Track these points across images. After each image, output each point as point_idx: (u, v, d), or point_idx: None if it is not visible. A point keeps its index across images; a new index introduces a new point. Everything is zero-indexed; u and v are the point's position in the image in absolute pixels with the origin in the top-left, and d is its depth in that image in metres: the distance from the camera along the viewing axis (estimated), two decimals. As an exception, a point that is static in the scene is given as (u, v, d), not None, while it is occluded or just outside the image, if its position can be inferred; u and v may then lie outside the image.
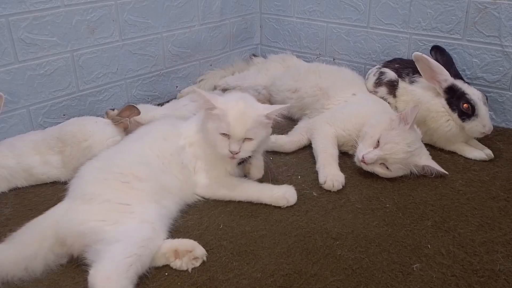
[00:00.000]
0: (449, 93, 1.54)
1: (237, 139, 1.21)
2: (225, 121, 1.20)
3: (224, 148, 1.22)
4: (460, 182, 1.40)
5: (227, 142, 1.21)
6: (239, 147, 1.21)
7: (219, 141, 1.22)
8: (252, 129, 1.22)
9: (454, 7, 1.73)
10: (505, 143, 1.62)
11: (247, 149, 1.23)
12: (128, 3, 1.75)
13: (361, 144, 1.41)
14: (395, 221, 1.21)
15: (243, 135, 1.21)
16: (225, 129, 1.20)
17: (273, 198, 1.27)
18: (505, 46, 1.66)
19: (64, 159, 1.39)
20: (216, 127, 1.22)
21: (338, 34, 2.05)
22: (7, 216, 1.26)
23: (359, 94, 1.67)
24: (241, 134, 1.20)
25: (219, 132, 1.21)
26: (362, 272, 1.03)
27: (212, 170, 1.30)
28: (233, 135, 1.20)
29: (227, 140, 1.21)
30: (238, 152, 1.21)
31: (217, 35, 2.13)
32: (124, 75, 1.83)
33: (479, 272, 1.04)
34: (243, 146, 1.22)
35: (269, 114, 1.25)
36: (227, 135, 1.21)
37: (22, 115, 1.58)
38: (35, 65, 1.57)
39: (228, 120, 1.20)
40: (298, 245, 1.12)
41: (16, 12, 1.48)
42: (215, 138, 1.23)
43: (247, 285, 1.00)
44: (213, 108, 1.22)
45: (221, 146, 1.22)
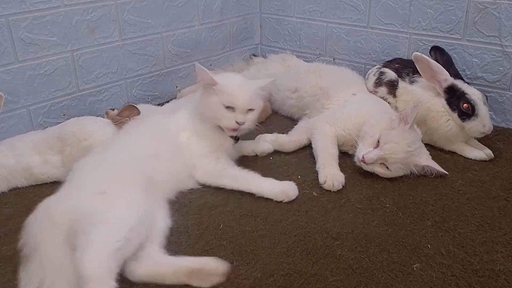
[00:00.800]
0: (449, 93, 1.54)
1: (242, 109, 1.28)
2: (229, 94, 1.27)
3: (230, 119, 1.28)
4: (460, 182, 1.40)
5: (232, 114, 1.28)
6: (244, 117, 1.29)
7: (224, 113, 1.28)
8: (254, 99, 1.30)
9: (454, 7, 1.73)
10: (505, 143, 1.62)
11: (251, 119, 1.31)
12: (128, 3, 1.76)
13: (361, 144, 1.41)
14: (395, 221, 1.21)
15: (247, 105, 1.29)
16: (230, 101, 1.26)
17: (273, 193, 1.28)
18: (505, 46, 1.66)
19: (64, 159, 1.39)
20: (220, 100, 1.27)
21: (338, 34, 2.05)
22: (7, 216, 1.26)
23: (359, 94, 1.67)
24: (245, 103, 1.28)
25: (224, 105, 1.27)
26: (362, 272, 1.03)
27: (211, 152, 1.33)
28: (238, 105, 1.27)
29: (231, 112, 1.28)
30: (243, 123, 1.28)
31: (217, 35, 2.13)
32: (124, 75, 1.83)
33: (479, 272, 1.04)
34: (247, 116, 1.30)
35: (263, 86, 1.35)
36: (230, 108, 1.27)
37: (22, 115, 1.58)
38: (35, 65, 1.57)
39: (232, 92, 1.27)
40: (298, 245, 1.12)
41: (16, 12, 1.48)
42: (219, 111, 1.28)
43: (247, 285, 1.00)
44: (215, 84, 1.27)
45: (227, 119, 1.28)
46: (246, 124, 1.30)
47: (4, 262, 1.08)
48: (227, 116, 1.28)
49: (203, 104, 1.32)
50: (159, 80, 1.96)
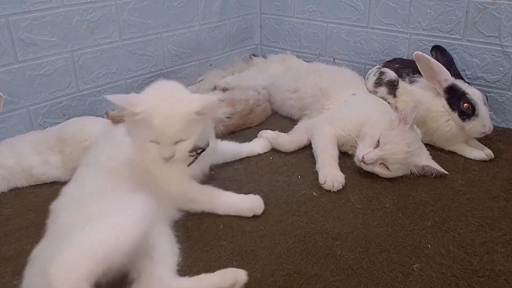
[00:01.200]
0: (449, 93, 1.54)
1: (168, 143, 1.07)
2: (151, 127, 1.04)
3: (156, 155, 1.09)
4: (460, 182, 1.40)
5: (157, 147, 1.08)
6: (172, 151, 1.08)
7: (149, 147, 1.08)
8: (184, 130, 1.07)
9: (454, 7, 1.73)
10: (505, 143, 1.62)
11: (183, 151, 1.10)
12: (128, 3, 1.76)
13: (361, 144, 1.41)
14: (395, 221, 1.21)
15: (174, 139, 1.07)
16: (153, 136, 1.06)
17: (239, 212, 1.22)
18: (505, 46, 1.66)
19: (64, 159, 1.39)
20: (144, 134, 1.07)
21: (338, 34, 2.05)
22: (7, 216, 1.26)
23: (359, 94, 1.67)
24: (171, 138, 1.07)
25: (148, 140, 1.07)
26: (362, 272, 1.03)
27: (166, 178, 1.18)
28: (162, 140, 1.07)
29: (157, 145, 1.08)
30: (171, 157, 1.09)
31: (217, 35, 2.13)
32: (124, 75, 1.83)
33: (479, 272, 1.03)
34: (177, 148, 1.09)
35: (200, 111, 1.08)
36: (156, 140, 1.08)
37: (22, 115, 1.58)
38: (35, 65, 1.57)
39: (153, 125, 1.04)
40: (298, 245, 1.12)
41: (16, 12, 1.48)
42: (144, 145, 1.09)
43: (247, 285, 1.00)
44: (134, 115, 1.05)
45: (153, 153, 1.09)
46: (177, 156, 1.09)
47: (4, 262, 1.08)
48: (152, 150, 1.08)
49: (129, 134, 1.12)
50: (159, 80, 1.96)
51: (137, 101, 1.07)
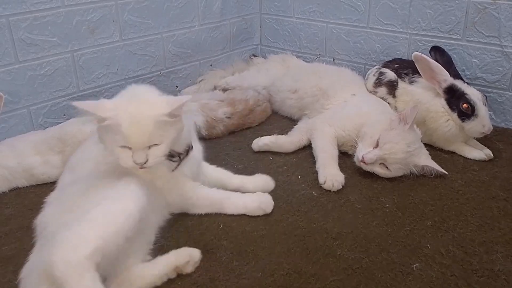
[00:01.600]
0: (448, 93, 1.54)
1: (140, 147, 1.01)
2: (119, 132, 0.99)
3: (127, 160, 1.02)
4: (459, 182, 1.40)
5: (129, 153, 1.02)
6: (145, 156, 1.01)
7: (121, 153, 1.02)
8: (156, 133, 1.01)
9: (453, 7, 1.73)
10: (504, 143, 1.63)
11: (157, 155, 1.03)
12: (129, 4, 1.76)
13: (360, 144, 1.41)
14: (394, 221, 1.22)
15: (145, 144, 1.01)
16: (123, 141, 1.00)
17: (248, 209, 1.23)
18: (504, 47, 1.67)
19: (65, 159, 1.39)
20: (113, 140, 1.01)
21: (338, 35, 2.05)
22: (8, 216, 1.26)
23: (359, 94, 1.67)
24: (142, 143, 1.01)
25: (118, 145, 1.01)
26: (362, 272, 1.04)
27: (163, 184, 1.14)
28: (132, 145, 1.01)
29: (128, 150, 1.02)
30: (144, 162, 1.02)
31: (217, 36, 2.13)
32: (125, 75, 1.84)
33: (479, 272, 1.04)
34: (150, 153, 1.02)
35: (172, 112, 1.03)
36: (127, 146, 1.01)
37: (22, 115, 1.58)
38: (35, 65, 1.57)
39: (122, 131, 0.99)
40: (298, 245, 1.13)
41: (16, 13, 1.49)
42: (114, 151, 1.02)
43: (247, 284, 1.00)
44: (103, 120, 1.01)
45: (124, 159, 1.02)
46: (150, 161, 1.02)
47: (5, 262, 1.08)
48: (124, 156, 1.02)
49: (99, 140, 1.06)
50: (159, 80, 1.96)
51: (105, 106, 1.02)
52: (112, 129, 1.00)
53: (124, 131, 0.99)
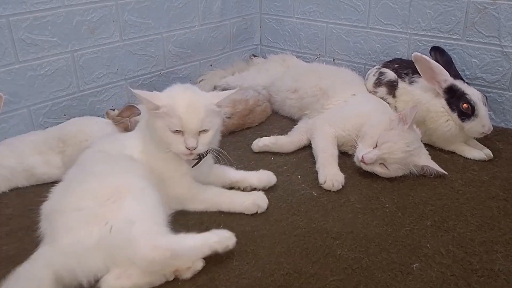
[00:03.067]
0: (448, 93, 1.54)
1: (192, 133, 1.12)
2: (176, 116, 1.10)
3: (179, 145, 1.12)
4: (459, 182, 1.40)
5: (181, 138, 1.12)
6: (196, 141, 1.12)
7: (173, 138, 1.12)
8: (206, 119, 1.13)
9: (453, 7, 1.73)
10: (504, 143, 1.63)
11: (205, 142, 1.15)
12: (129, 4, 1.76)
13: (360, 144, 1.41)
14: (394, 220, 1.22)
15: (198, 127, 1.12)
16: (177, 125, 1.11)
17: (243, 207, 1.23)
18: (504, 47, 1.67)
19: (65, 159, 1.40)
20: (166, 125, 1.12)
21: (338, 35, 2.05)
22: (8, 216, 1.26)
23: (359, 95, 1.68)
24: (196, 126, 1.12)
25: (171, 130, 1.12)
26: (361, 272, 1.04)
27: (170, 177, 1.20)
28: (187, 129, 1.11)
29: (181, 136, 1.12)
30: (196, 147, 1.13)
31: (217, 36, 2.13)
32: (125, 75, 1.84)
33: (479, 271, 1.04)
34: (199, 139, 1.13)
35: (220, 102, 1.17)
36: (180, 131, 1.12)
37: (23, 115, 1.58)
38: (35, 66, 1.57)
39: (178, 115, 1.10)
40: (298, 244, 1.13)
41: (16, 13, 1.49)
42: (167, 137, 1.12)
43: (247, 284, 1.00)
44: (158, 108, 1.12)
45: (176, 144, 1.12)
46: (199, 148, 1.13)
47: (5, 262, 1.08)
48: (176, 141, 1.12)
49: (149, 129, 1.17)
50: (160, 80, 1.96)
51: (160, 96, 1.15)
52: (166, 115, 1.11)
53: (181, 115, 1.10)
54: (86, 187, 1.05)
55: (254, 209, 1.23)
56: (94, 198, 1.02)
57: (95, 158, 1.18)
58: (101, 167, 1.11)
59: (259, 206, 1.24)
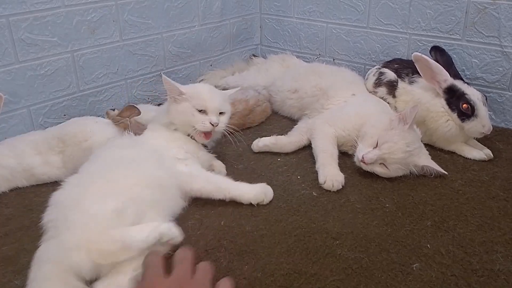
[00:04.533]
0: (448, 93, 1.54)
1: (215, 111, 1.33)
2: (200, 97, 1.33)
3: (205, 121, 1.31)
4: (459, 182, 1.40)
5: (206, 117, 1.32)
6: (217, 119, 1.33)
7: (198, 116, 1.32)
8: (224, 103, 1.38)
9: (453, 7, 1.73)
10: (504, 143, 1.63)
11: (224, 121, 1.36)
12: (129, 4, 1.76)
13: (360, 144, 1.41)
14: (394, 221, 1.22)
15: (219, 107, 1.34)
16: (202, 104, 1.32)
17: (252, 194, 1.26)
18: (504, 47, 1.67)
19: (65, 159, 1.40)
20: (192, 105, 1.32)
21: (338, 35, 2.05)
22: (8, 216, 1.26)
23: (359, 95, 1.67)
24: (217, 105, 1.34)
25: (197, 109, 1.32)
26: (361, 272, 1.04)
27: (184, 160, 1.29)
28: (210, 108, 1.32)
29: (205, 116, 1.32)
30: (217, 124, 1.32)
31: (217, 36, 2.13)
32: (125, 75, 1.84)
33: (479, 271, 1.04)
34: (220, 118, 1.35)
35: (231, 95, 1.46)
36: (203, 111, 1.32)
37: (22, 115, 1.58)
38: (35, 66, 1.57)
39: (203, 97, 1.33)
40: (298, 245, 1.13)
41: (16, 13, 1.49)
42: (192, 115, 1.32)
43: (247, 284, 1.00)
44: (182, 94, 1.33)
45: (201, 121, 1.31)
46: (220, 125, 1.34)
47: (5, 262, 1.08)
48: (201, 119, 1.32)
49: (173, 112, 1.34)
50: (160, 80, 1.96)
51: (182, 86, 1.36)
52: (192, 98, 1.32)
53: (205, 97, 1.33)
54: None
55: (261, 198, 1.27)
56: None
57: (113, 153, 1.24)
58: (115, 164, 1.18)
59: (266, 195, 1.27)
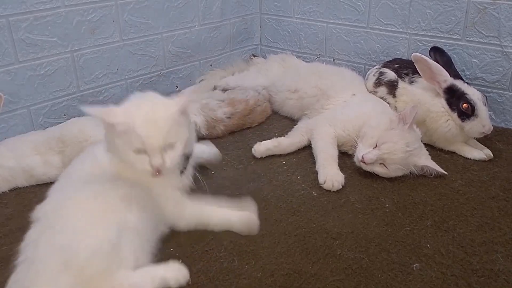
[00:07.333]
0: (448, 93, 1.54)
1: (156, 150, 0.99)
2: (134, 135, 0.97)
3: (145, 165, 1.00)
4: (459, 182, 1.40)
5: (146, 158, 1.00)
6: (161, 159, 1.00)
7: (136, 158, 1.00)
8: (170, 132, 1.00)
9: (453, 7, 1.73)
10: (504, 143, 1.63)
11: (173, 157, 1.02)
12: (129, 4, 1.76)
13: (360, 144, 1.41)
14: (394, 221, 1.22)
15: (161, 144, 0.99)
16: (138, 143, 0.98)
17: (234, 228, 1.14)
18: (504, 47, 1.67)
19: (65, 159, 1.39)
20: (126, 144, 0.99)
21: (338, 35, 2.05)
22: (8, 216, 1.26)
23: (359, 95, 1.67)
24: (157, 143, 0.99)
25: (132, 150, 0.99)
26: (362, 272, 1.04)
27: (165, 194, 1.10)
28: (149, 148, 0.99)
29: (145, 155, 1.00)
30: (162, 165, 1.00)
31: (217, 36, 2.13)
32: (125, 75, 1.84)
33: (479, 272, 1.04)
34: (166, 155, 1.01)
35: (182, 107, 1.03)
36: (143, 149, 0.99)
37: (22, 115, 1.58)
38: (35, 66, 1.57)
39: (137, 133, 0.97)
40: (298, 245, 1.13)
41: (16, 13, 1.49)
42: (130, 157, 1.00)
43: (247, 284, 1.00)
44: (114, 125, 0.99)
45: (141, 164, 1.00)
46: (168, 164, 1.01)
47: (5, 262, 1.08)
48: (140, 161, 1.00)
49: (109, 147, 1.05)
50: (160, 80, 1.96)
51: (115, 112, 1.00)
52: (126, 133, 0.99)
53: (140, 133, 0.97)
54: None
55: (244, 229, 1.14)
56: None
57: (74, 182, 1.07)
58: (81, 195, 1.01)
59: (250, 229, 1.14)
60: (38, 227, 1.00)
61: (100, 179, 1.05)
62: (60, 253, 0.91)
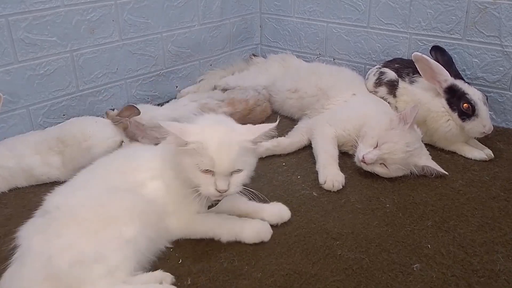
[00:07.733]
0: (449, 93, 1.54)
1: (224, 174, 1.01)
2: (206, 155, 1.00)
3: (209, 186, 1.01)
4: (460, 182, 1.40)
5: (211, 179, 1.01)
6: (227, 183, 1.02)
7: (202, 179, 1.02)
8: (240, 159, 1.02)
9: (454, 7, 1.73)
10: (505, 143, 1.63)
11: (237, 183, 1.04)
12: (128, 3, 1.75)
13: (361, 144, 1.41)
14: (395, 221, 1.21)
15: (231, 168, 1.02)
16: (208, 165, 1.00)
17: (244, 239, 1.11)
18: (505, 46, 1.66)
19: (64, 159, 1.39)
20: (196, 163, 1.01)
21: (338, 34, 2.05)
22: (7, 216, 1.26)
23: (359, 94, 1.67)
24: (228, 167, 1.01)
25: (201, 169, 1.01)
26: (362, 272, 1.03)
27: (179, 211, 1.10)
28: (219, 170, 1.01)
29: (211, 177, 1.02)
30: (227, 190, 1.02)
31: (217, 35, 2.13)
32: (124, 75, 1.83)
33: (479, 272, 1.04)
34: (231, 180, 1.03)
35: (256, 139, 1.05)
36: (210, 171, 1.01)
37: (22, 115, 1.58)
38: (35, 65, 1.57)
39: (209, 154, 1.00)
40: (298, 245, 1.12)
41: (16, 12, 1.48)
42: (195, 177, 1.02)
43: (247, 285, 1.00)
44: (186, 144, 1.01)
45: (206, 185, 1.02)
46: (231, 190, 1.03)
47: (5, 262, 1.08)
48: (206, 182, 1.01)
49: (176, 163, 1.05)
50: (159, 80, 1.96)
51: (190, 130, 1.03)
52: (195, 153, 1.01)
53: (212, 154, 1.00)
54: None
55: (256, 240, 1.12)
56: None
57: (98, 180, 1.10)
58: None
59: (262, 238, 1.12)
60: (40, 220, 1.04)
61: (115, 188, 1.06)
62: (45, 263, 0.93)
